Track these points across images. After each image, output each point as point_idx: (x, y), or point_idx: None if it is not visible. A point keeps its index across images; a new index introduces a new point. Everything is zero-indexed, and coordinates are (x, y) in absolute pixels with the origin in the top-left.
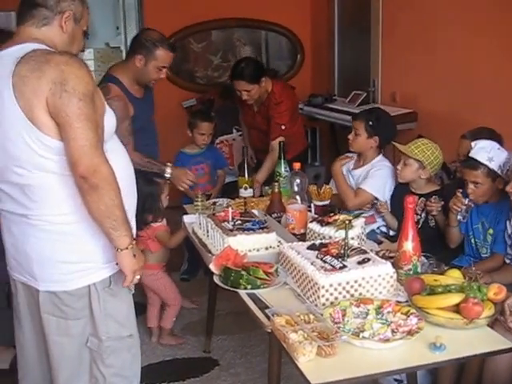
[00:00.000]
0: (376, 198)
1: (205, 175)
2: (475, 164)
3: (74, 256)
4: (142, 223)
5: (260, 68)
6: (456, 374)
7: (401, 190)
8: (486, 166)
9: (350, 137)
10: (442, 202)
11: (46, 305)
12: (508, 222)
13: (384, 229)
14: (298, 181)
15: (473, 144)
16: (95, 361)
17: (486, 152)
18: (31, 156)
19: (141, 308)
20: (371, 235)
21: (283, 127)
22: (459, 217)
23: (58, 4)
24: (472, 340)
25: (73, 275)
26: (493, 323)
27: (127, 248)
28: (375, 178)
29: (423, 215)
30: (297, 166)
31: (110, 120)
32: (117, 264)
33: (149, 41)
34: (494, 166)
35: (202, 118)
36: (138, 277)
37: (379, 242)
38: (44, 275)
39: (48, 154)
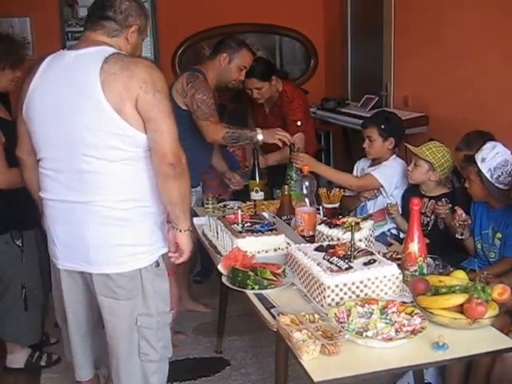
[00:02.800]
0: (382, 187)
1: (216, 178)
2: (470, 160)
3: (128, 239)
4: None
5: (270, 67)
6: (464, 375)
7: (411, 193)
8: (477, 164)
9: (365, 145)
10: (450, 205)
11: (99, 287)
12: None
13: (394, 231)
14: (306, 183)
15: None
16: (146, 338)
17: (484, 153)
18: (108, 145)
19: None
20: (382, 237)
21: (299, 123)
22: (457, 235)
23: (126, 19)
24: (475, 340)
25: (126, 258)
26: (508, 330)
27: (188, 229)
28: (383, 168)
29: (433, 217)
30: (305, 168)
31: None
32: (171, 245)
33: (235, 42)
34: (483, 166)
35: None
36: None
37: (389, 244)
38: (99, 258)
39: (126, 145)
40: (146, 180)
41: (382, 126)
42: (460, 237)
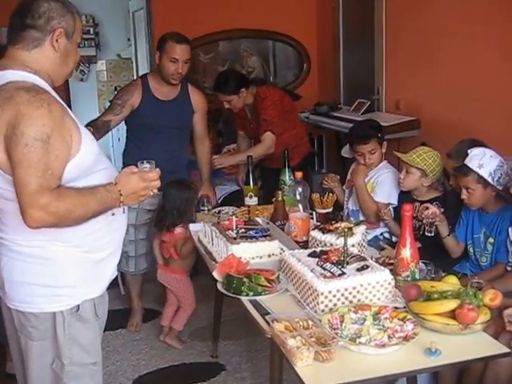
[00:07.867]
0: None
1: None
2: (466, 170)
3: (43, 279)
4: (172, 225)
5: (238, 80)
6: (456, 380)
7: (403, 197)
8: (476, 172)
9: (367, 160)
10: (442, 209)
11: (17, 322)
12: (510, 229)
13: (387, 235)
14: (300, 189)
15: (469, 151)
16: (58, 383)
17: (477, 159)
18: None
19: (152, 314)
20: (374, 241)
21: (269, 122)
22: (426, 232)
23: (48, 23)
24: (467, 345)
25: (39, 299)
26: (497, 333)
27: (121, 203)
28: (382, 186)
29: (425, 222)
30: (299, 174)
31: (86, 155)
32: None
33: (162, 38)
34: (483, 172)
35: None
36: (156, 190)
37: (382, 249)
38: (13, 294)
39: (8, 185)
40: None
41: (379, 135)
42: (428, 234)
